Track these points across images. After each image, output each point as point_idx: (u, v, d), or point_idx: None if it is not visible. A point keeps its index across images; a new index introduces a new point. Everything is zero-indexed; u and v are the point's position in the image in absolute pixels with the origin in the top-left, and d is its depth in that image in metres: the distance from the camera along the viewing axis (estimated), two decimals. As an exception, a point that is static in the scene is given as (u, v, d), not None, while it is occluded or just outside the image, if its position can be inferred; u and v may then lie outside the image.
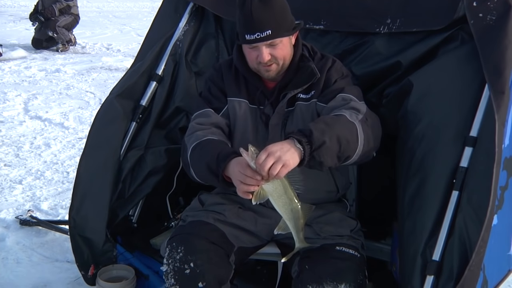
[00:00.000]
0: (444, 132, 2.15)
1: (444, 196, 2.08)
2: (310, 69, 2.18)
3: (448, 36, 2.30)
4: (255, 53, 2.11)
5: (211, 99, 2.28)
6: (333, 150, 1.86)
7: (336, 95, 2.13)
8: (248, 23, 2.05)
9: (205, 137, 2.12)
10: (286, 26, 2.12)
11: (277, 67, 2.15)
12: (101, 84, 7.52)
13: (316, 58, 2.26)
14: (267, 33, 2.05)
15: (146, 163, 2.69)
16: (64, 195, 3.95)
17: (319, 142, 1.82)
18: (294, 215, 1.89)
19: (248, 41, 2.08)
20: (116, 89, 2.76)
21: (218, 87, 2.29)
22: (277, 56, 2.12)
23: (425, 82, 2.24)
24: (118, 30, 12.56)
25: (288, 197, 1.86)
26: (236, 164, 1.85)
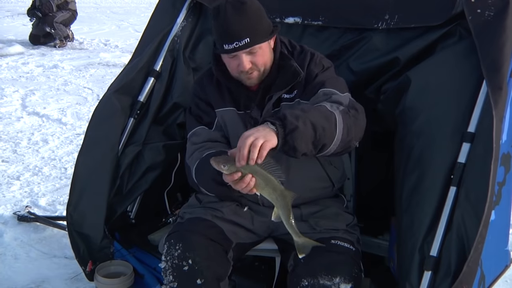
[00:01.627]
0: (442, 128, 2.15)
1: (442, 191, 2.08)
2: (293, 68, 2.16)
3: (446, 32, 2.30)
4: (236, 62, 2.09)
5: (200, 115, 2.28)
6: (307, 135, 1.82)
7: (318, 90, 2.10)
8: (225, 33, 2.03)
9: (203, 154, 2.13)
10: (263, 31, 2.09)
11: (258, 73, 2.13)
12: (98, 80, 7.50)
13: (295, 53, 2.22)
14: (245, 41, 2.02)
15: (144, 159, 2.69)
16: (62, 191, 3.95)
17: (293, 126, 1.79)
18: (282, 203, 1.86)
19: (227, 51, 2.06)
20: (114, 85, 2.76)
21: (205, 101, 2.28)
22: (258, 63, 2.10)
23: (423, 78, 2.24)
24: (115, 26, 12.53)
25: (272, 188, 1.84)
26: (224, 178, 1.87)
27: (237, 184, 1.82)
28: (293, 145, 1.81)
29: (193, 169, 2.17)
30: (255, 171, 1.81)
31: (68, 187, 2.78)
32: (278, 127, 1.79)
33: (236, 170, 1.80)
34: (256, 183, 1.83)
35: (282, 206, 1.85)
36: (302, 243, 1.93)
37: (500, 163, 2.14)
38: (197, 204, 2.33)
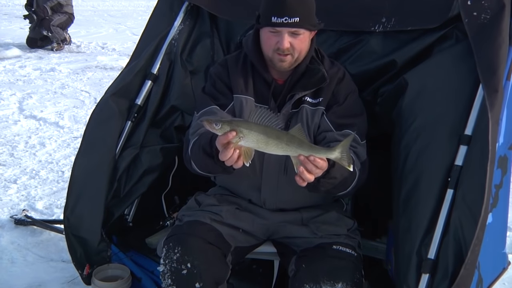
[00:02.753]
0: (439, 131, 2.16)
1: (439, 194, 2.09)
2: (321, 73, 2.18)
3: (443, 34, 2.31)
4: (275, 39, 2.10)
5: (216, 95, 2.25)
6: (324, 188, 1.94)
7: (347, 124, 2.15)
8: (279, 6, 2.04)
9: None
10: (312, 19, 2.13)
11: (291, 59, 2.13)
12: (96, 83, 7.50)
13: (325, 62, 2.25)
14: (295, 20, 2.04)
15: (141, 162, 2.69)
16: (59, 195, 3.94)
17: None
18: (296, 144, 1.77)
19: (274, 24, 2.07)
20: (111, 88, 2.76)
21: (224, 83, 2.26)
22: (296, 47, 2.11)
23: (420, 81, 2.25)
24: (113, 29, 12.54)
25: (276, 138, 1.76)
26: (216, 142, 1.81)
27: (226, 150, 1.76)
28: (317, 186, 1.89)
29: (192, 142, 2.14)
30: (250, 127, 1.76)
31: (65, 190, 2.78)
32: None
33: (230, 128, 1.74)
34: (256, 141, 1.76)
35: (298, 146, 1.77)
36: (341, 155, 1.81)
37: (497, 165, 2.15)
38: (196, 207, 2.33)
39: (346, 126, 2.14)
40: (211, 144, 1.91)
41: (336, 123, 2.15)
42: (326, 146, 2.05)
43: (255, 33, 2.22)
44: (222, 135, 1.75)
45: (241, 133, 1.74)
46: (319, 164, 1.77)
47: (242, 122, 1.78)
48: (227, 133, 1.73)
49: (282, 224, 2.27)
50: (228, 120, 1.77)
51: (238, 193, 2.34)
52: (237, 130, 1.74)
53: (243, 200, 2.31)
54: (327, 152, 1.79)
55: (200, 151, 2.01)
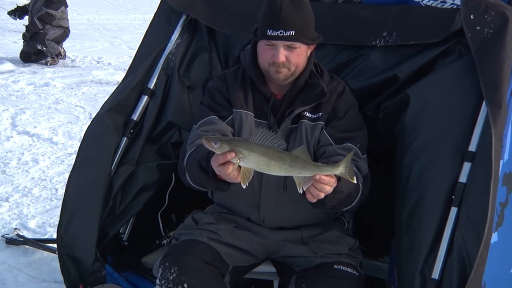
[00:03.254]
0: (442, 147, 2.17)
1: (442, 212, 2.10)
2: (321, 88, 2.20)
3: (446, 49, 2.34)
4: (271, 52, 2.12)
5: (215, 107, 2.26)
6: (330, 204, 1.95)
7: (347, 138, 2.17)
8: (274, 18, 2.07)
9: None
10: (310, 33, 2.15)
11: (287, 72, 2.15)
12: (91, 98, 7.53)
13: (324, 77, 2.27)
14: (290, 33, 2.07)
15: (137, 179, 2.70)
16: (53, 213, 3.94)
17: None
18: (300, 165, 1.77)
19: (269, 37, 2.09)
20: (106, 103, 2.78)
21: (223, 96, 2.28)
22: (292, 61, 2.13)
23: (422, 96, 2.27)
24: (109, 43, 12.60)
25: (278, 159, 1.75)
26: (212, 160, 1.81)
27: (224, 167, 1.76)
28: (323, 201, 1.90)
29: (188, 153, 2.15)
30: (251, 148, 1.74)
31: (58, 208, 2.79)
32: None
33: (229, 148, 1.73)
34: (256, 162, 1.74)
35: (302, 167, 1.77)
36: (345, 170, 1.81)
37: (502, 183, 2.15)
38: (193, 226, 2.33)
39: (346, 140, 2.16)
40: (207, 159, 1.91)
41: (336, 137, 2.17)
42: (327, 161, 2.05)
43: (253, 47, 2.25)
44: (221, 154, 1.75)
45: (240, 154, 1.73)
46: (325, 181, 1.79)
47: (242, 142, 1.77)
48: (225, 153, 1.73)
49: (281, 243, 2.27)
50: (228, 139, 1.77)
51: (236, 211, 2.35)
52: (237, 150, 1.73)
53: (241, 218, 2.32)
54: (332, 169, 1.80)
55: (195, 164, 2.01)
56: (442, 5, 2.49)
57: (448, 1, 2.48)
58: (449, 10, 2.42)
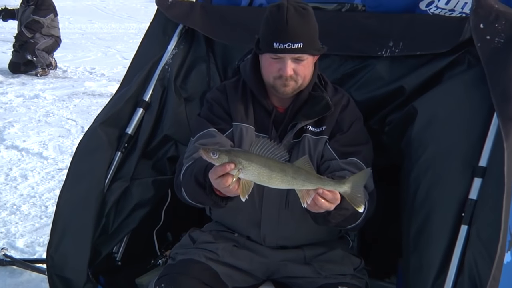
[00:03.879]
0: (451, 162, 2.17)
1: (452, 230, 2.09)
2: (325, 101, 2.21)
3: (454, 59, 2.35)
4: (277, 66, 2.13)
5: (214, 119, 2.27)
6: (334, 221, 1.95)
7: (352, 156, 2.17)
8: (281, 31, 2.08)
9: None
10: (316, 43, 2.17)
11: (295, 85, 2.16)
12: (83, 111, 7.55)
13: (328, 89, 2.28)
14: (298, 46, 2.08)
15: (131, 195, 2.70)
16: (42, 231, 3.94)
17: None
18: (303, 177, 1.76)
19: (276, 50, 2.10)
20: (100, 116, 2.78)
21: (223, 108, 2.29)
22: (299, 73, 2.14)
23: (430, 109, 2.28)
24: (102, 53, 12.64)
25: (280, 171, 1.75)
26: (211, 172, 1.81)
27: (222, 179, 1.75)
28: (327, 218, 1.92)
29: (185, 167, 2.15)
30: (251, 158, 1.74)
31: (48, 226, 2.79)
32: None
33: (228, 159, 1.73)
34: (257, 174, 1.74)
35: (305, 179, 1.76)
36: (351, 190, 1.80)
37: (514, 199, 2.15)
38: (190, 244, 2.33)
39: (351, 154, 2.17)
40: (205, 174, 1.91)
41: (340, 151, 2.18)
42: (332, 175, 2.06)
43: (253, 58, 2.26)
44: (219, 166, 1.75)
45: (240, 165, 1.73)
46: (328, 196, 1.78)
47: (242, 152, 1.77)
48: (224, 164, 1.73)
49: (283, 263, 2.27)
50: (227, 150, 1.77)
51: (235, 229, 2.34)
52: (236, 161, 1.73)
53: (241, 236, 2.32)
54: (335, 185, 1.79)
55: (192, 179, 2.01)
56: (450, 14, 2.51)
57: (457, 10, 2.50)
58: (458, 19, 2.43)
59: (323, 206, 1.79)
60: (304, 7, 2.11)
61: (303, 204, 1.80)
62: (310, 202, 1.79)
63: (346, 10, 2.67)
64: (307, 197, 1.78)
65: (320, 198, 1.77)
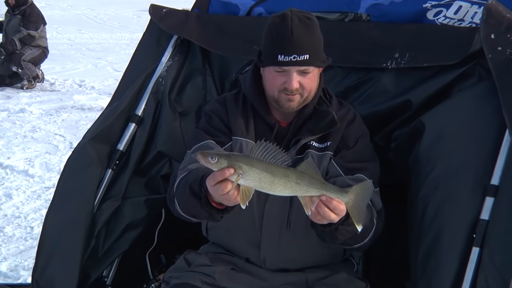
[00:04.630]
0: (461, 180, 2.18)
1: (463, 253, 2.09)
2: (331, 116, 2.22)
3: (464, 72, 2.37)
4: (282, 79, 2.13)
5: (212, 132, 2.27)
6: (341, 238, 1.96)
7: (358, 169, 2.18)
8: (286, 43, 2.08)
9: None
10: (321, 55, 2.18)
11: (300, 98, 2.17)
12: (72, 125, 7.56)
13: (333, 103, 2.29)
14: (304, 58, 2.09)
15: (123, 215, 2.69)
16: (27, 254, 3.94)
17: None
18: (305, 181, 1.76)
19: (281, 63, 2.10)
20: (89, 132, 2.79)
21: (222, 121, 2.29)
22: (305, 86, 2.14)
23: (438, 124, 2.29)
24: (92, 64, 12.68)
25: (283, 176, 1.75)
26: (208, 179, 1.80)
27: (221, 185, 1.74)
28: (334, 234, 1.92)
29: (179, 178, 2.15)
30: (252, 163, 1.74)
31: (34, 249, 2.79)
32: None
33: (227, 163, 1.73)
34: (258, 180, 1.73)
35: (308, 184, 1.75)
36: (353, 202, 1.80)
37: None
38: (185, 268, 2.33)
39: (357, 171, 2.17)
40: (201, 183, 1.91)
41: (345, 168, 2.18)
42: None
43: (254, 71, 2.27)
44: (218, 171, 1.74)
45: (240, 170, 1.73)
46: (332, 204, 1.77)
47: (242, 157, 1.77)
48: (224, 169, 1.73)
49: (284, 287, 2.26)
50: (226, 154, 1.77)
51: (234, 251, 2.34)
52: (236, 166, 1.73)
53: (239, 259, 2.32)
54: (338, 193, 1.78)
55: (187, 189, 2.00)
56: (459, 24, 2.53)
57: (466, 20, 2.52)
58: (468, 29, 2.46)
59: (326, 215, 1.78)
60: (308, 17, 2.13)
61: (306, 211, 1.80)
62: (313, 211, 1.78)
63: (350, 20, 2.69)
64: (310, 204, 1.77)
65: (324, 206, 1.77)
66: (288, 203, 2.15)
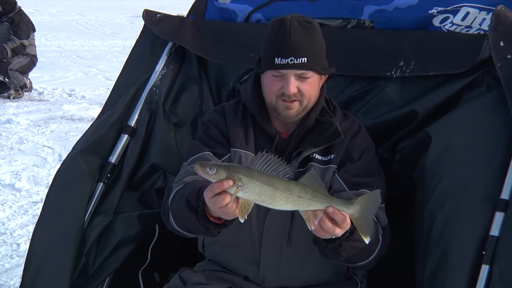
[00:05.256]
0: (469, 194, 2.18)
1: (472, 270, 2.09)
2: (334, 127, 2.22)
3: (472, 80, 2.38)
4: (280, 83, 2.14)
5: (210, 143, 2.28)
6: (345, 254, 1.96)
7: (363, 184, 2.18)
8: (283, 45, 2.10)
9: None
10: (322, 61, 2.19)
11: (299, 106, 2.17)
12: (61, 137, 7.56)
13: (337, 114, 2.30)
14: (302, 61, 2.10)
15: (115, 231, 2.69)
16: (13, 273, 3.92)
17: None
18: (308, 195, 1.76)
19: (277, 66, 2.12)
20: (80, 143, 2.79)
21: (220, 132, 2.30)
22: (304, 92, 2.15)
23: (445, 135, 2.30)
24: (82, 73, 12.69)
25: (285, 189, 1.75)
26: (206, 191, 1.80)
27: (219, 197, 1.74)
28: (338, 250, 1.92)
29: (174, 191, 2.15)
30: (252, 175, 1.74)
31: (20, 267, 2.79)
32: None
33: (226, 175, 1.73)
34: (258, 193, 1.74)
35: (311, 197, 1.76)
36: (359, 214, 1.80)
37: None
38: (181, 286, 2.33)
39: (361, 186, 2.17)
40: (198, 196, 1.91)
41: (350, 182, 2.18)
42: None
43: (254, 80, 2.28)
44: (216, 182, 1.74)
45: (239, 182, 1.73)
46: (338, 217, 1.77)
47: (242, 168, 1.77)
48: (222, 180, 1.73)
49: None
50: (225, 165, 1.78)
51: (231, 268, 2.34)
52: (236, 178, 1.73)
53: (237, 277, 2.31)
54: (343, 205, 1.79)
55: (183, 202, 2.00)
56: (467, 31, 2.54)
57: (474, 26, 2.53)
58: (476, 37, 2.47)
59: (330, 229, 1.78)
60: (309, 21, 2.15)
61: (309, 226, 1.79)
62: (316, 225, 1.78)
63: (352, 26, 2.71)
64: (313, 218, 1.78)
65: (328, 220, 1.77)
66: (289, 218, 2.15)
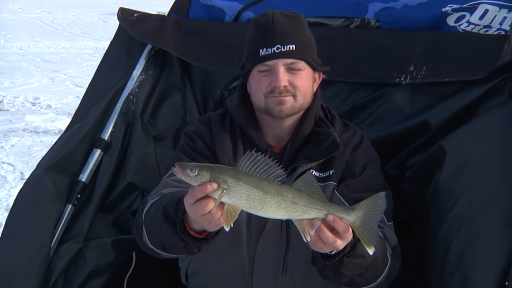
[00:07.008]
0: (489, 216, 2.19)
1: (493, 304, 2.10)
2: (332, 138, 2.22)
3: (491, 88, 2.40)
4: (268, 79, 2.15)
5: (193, 155, 2.25)
6: (348, 273, 1.96)
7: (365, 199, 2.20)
8: (267, 34, 2.12)
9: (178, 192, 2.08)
10: (312, 51, 2.20)
11: (293, 101, 2.17)
12: (23, 152, 7.54)
13: (336, 124, 2.31)
14: (290, 48, 2.11)
15: (85, 260, 2.67)
16: (-32, 308, 3.91)
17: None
18: (303, 201, 1.74)
19: (264, 58, 2.13)
20: (45, 160, 2.78)
21: (205, 144, 2.30)
22: (297, 84, 2.15)
23: (461, 150, 2.31)
24: (48, 78, 12.67)
25: (276, 193, 1.72)
26: (187, 196, 1.76)
27: (201, 205, 1.71)
28: (339, 268, 1.92)
29: (148, 204, 2.13)
30: (238, 176, 1.71)
31: (-23, 301, 2.77)
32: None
33: (210, 177, 1.70)
34: (246, 197, 1.71)
35: (308, 203, 1.73)
36: (361, 221, 1.78)
37: None
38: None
39: None
40: (177, 205, 1.89)
41: (351, 198, 2.17)
42: None
43: (241, 88, 2.30)
44: (199, 186, 1.71)
45: (225, 185, 1.70)
46: (340, 226, 1.76)
47: (227, 170, 1.73)
48: (205, 183, 1.70)
49: None
50: (209, 166, 1.73)
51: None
52: (220, 180, 1.70)
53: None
54: (343, 212, 1.77)
55: (159, 213, 1.96)
56: (486, 31, 2.56)
57: (494, 26, 2.54)
58: (495, 38, 2.49)
59: (329, 240, 1.76)
60: (293, 12, 2.18)
61: (304, 237, 1.77)
62: (313, 236, 1.76)
63: (356, 26, 2.72)
64: (309, 228, 1.75)
65: (326, 229, 1.75)
66: (284, 243, 2.15)
